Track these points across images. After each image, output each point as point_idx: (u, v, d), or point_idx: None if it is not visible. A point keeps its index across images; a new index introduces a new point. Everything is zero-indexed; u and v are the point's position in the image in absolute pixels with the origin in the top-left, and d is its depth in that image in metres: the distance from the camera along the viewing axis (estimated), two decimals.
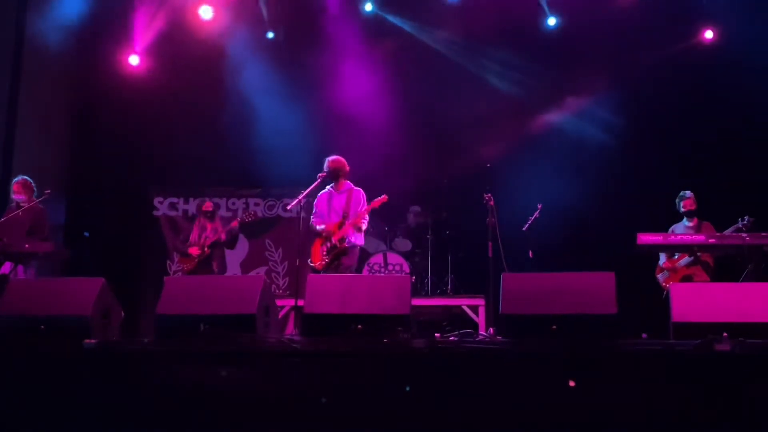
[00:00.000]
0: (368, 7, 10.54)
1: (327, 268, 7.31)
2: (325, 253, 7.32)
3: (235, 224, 8.45)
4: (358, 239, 7.47)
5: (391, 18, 10.57)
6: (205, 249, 8.34)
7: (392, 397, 4.68)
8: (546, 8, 10.18)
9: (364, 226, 7.43)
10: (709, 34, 9.82)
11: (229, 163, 10.55)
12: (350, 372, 4.78)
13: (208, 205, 8.70)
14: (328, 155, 7.68)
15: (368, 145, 10.28)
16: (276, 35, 10.74)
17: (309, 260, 7.36)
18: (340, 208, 7.44)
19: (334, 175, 7.50)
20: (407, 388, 4.66)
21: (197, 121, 10.47)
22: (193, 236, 8.56)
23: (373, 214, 8.17)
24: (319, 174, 7.46)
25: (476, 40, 10.36)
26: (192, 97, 10.43)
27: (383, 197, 7.44)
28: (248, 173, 10.60)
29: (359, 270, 9.18)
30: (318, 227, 7.45)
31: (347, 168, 7.57)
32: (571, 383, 4.55)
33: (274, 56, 10.75)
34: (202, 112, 10.46)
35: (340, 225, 7.36)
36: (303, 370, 4.84)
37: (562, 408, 4.56)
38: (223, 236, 8.41)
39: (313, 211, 7.58)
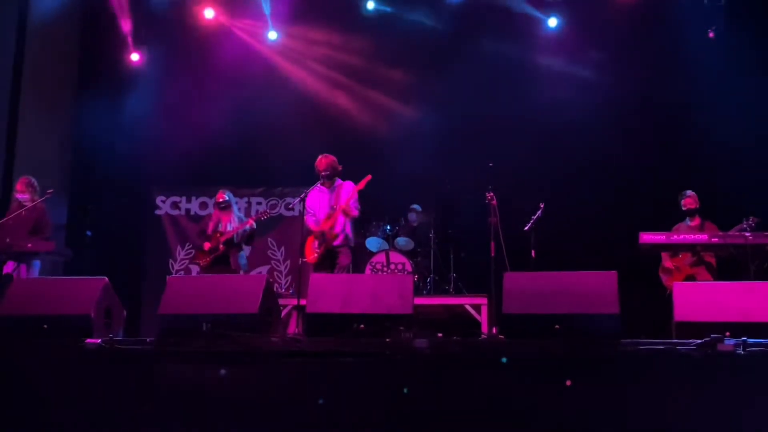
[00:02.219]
0: (370, 5, 10.51)
1: (321, 263, 7.31)
2: (316, 246, 7.33)
3: (251, 222, 8.27)
4: (349, 229, 7.48)
5: (392, 13, 10.53)
6: (220, 246, 8.16)
7: (395, 396, 4.68)
8: (538, 14, 10.17)
9: (354, 212, 7.43)
10: (710, 35, 9.79)
11: (232, 162, 10.55)
12: (353, 371, 4.78)
13: (220, 195, 8.38)
14: (330, 153, 7.69)
15: (369, 145, 10.30)
16: (281, 34, 10.72)
17: (302, 258, 7.35)
18: (330, 204, 7.45)
19: (332, 174, 7.52)
20: (405, 390, 4.66)
21: (200, 119, 10.47)
22: (209, 230, 8.36)
23: (374, 214, 8.18)
24: (322, 173, 7.49)
25: (476, 37, 10.33)
26: (194, 95, 10.43)
27: (367, 177, 7.41)
28: (251, 172, 10.60)
29: (361, 269, 9.18)
30: (313, 227, 7.46)
31: (340, 166, 7.61)
32: (567, 382, 4.55)
33: (275, 56, 10.76)
34: (205, 111, 10.46)
35: (329, 216, 7.39)
36: (305, 370, 4.83)
37: (565, 408, 4.56)
38: (236, 231, 8.21)
39: (306, 210, 7.55)
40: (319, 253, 7.32)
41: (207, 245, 8.23)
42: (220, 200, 8.36)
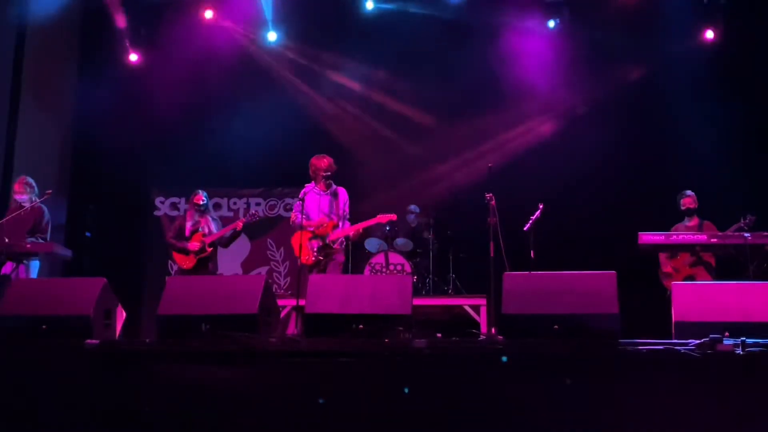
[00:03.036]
0: (369, 5, 10.49)
1: (316, 265, 7.33)
2: (315, 249, 7.34)
3: (239, 225, 8.18)
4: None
5: (392, 11, 10.51)
6: (207, 248, 8.06)
7: (394, 397, 4.68)
8: (538, 14, 10.20)
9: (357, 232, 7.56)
10: (709, 34, 9.80)
11: (231, 163, 10.55)
12: (352, 372, 4.78)
13: (200, 198, 8.22)
14: (329, 154, 7.69)
15: (369, 145, 10.31)
16: (280, 35, 10.70)
17: (297, 258, 7.34)
18: (327, 208, 7.45)
19: (333, 174, 7.53)
20: (405, 390, 4.66)
21: (199, 120, 10.47)
22: (187, 232, 8.16)
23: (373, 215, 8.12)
24: (323, 173, 7.49)
25: (476, 36, 10.33)
26: (194, 96, 10.44)
27: (392, 216, 7.54)
28: (250, 173, 10.60)
29: (360, 270, 9.18)
30: (306, 225, 7.39)
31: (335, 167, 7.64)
32: (566, 381, 4.55)
33: (277, 56, 10.76)
34: (204, 112, 10.46)
35: (335, 226, 7.38)
36: (304, 370, 4.83)
37: (564, 408, 4.56)
38: (224, 233, 8.14)
39: (294, 208, 7.47)
40: (317, 257, 7.34)
41: (192, 246, 8.11)
42: (201, 203, 8.21)
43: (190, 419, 4.79)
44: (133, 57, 10.66)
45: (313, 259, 7.33)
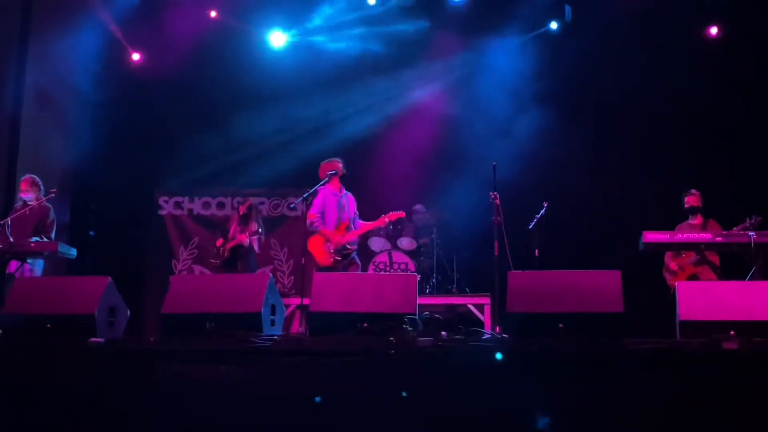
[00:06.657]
0: (371, 1, 10.47)
1: (334, 267, 7.39)
2: (332, 251, 7.44)
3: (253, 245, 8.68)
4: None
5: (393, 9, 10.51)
6: (225, 253, 8.48)
7: (398, 395, 4.67)
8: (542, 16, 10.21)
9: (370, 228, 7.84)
10: (713, 31, 9.78)
11: (235, 163, 10.56)
12: (356, 370, 4.77)
13: (242, 208, 8.89)
14: (332, 154, 7.71)
15: (371, 144, 10.30)
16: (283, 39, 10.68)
17: (316, 263, 7.43)
18: (345, 211, 7.54)
19: (337, 178, 7.57)
20: (404, 394, 4.64)
21: (203, 120, 10.48)
22: (231, 232, 8.81)
23: (377, 214, 8.15)
24: (329, 174, 7.49)
25: (479, 36, 10.32)
26: (197, 96, 10.44)
27: (401, 213, 7.70)
28: (253, 172, 10.61)
29: (365, 269, 9.19)
30: (324, 230, 7.48)
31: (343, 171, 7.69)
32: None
33: (277, 55, 10.76)
34: (208, 111, 10.46)
35: (348, 228, 7.45)
36: (309, 369, 4.83)
37: (568, 407, 4.55)
38: (243, 241, 8.55)
39: (315, 210, 7.52)
40: (337, 259, 7.42)
41: (219, 242, 8.79)
42: (241, 213, 8.91)
43: (194, 418, 4.80)
44: (135, 57, 10.66)
45: (332, 261, 7.39)
